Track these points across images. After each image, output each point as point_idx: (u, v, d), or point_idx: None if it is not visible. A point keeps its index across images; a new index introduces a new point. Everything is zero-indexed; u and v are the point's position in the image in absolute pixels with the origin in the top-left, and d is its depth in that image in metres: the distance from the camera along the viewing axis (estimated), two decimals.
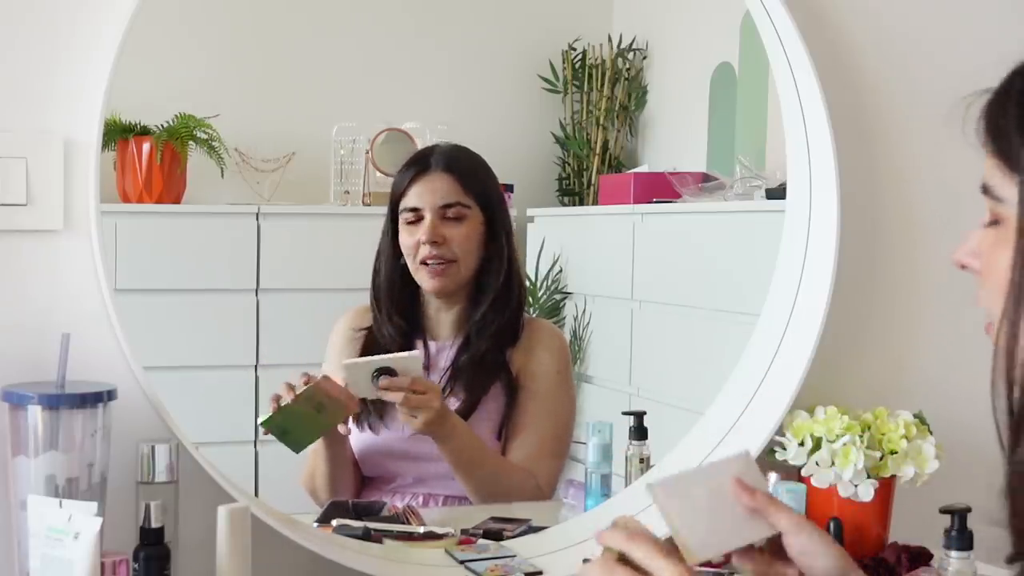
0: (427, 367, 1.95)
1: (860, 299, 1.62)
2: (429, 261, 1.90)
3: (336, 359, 1.97)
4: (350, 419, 1.83)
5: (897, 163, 1.63)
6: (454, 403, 1.90)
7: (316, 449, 1.86)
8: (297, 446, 1.76)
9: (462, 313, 1.96)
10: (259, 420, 1.73)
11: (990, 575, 1.40)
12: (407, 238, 1.93)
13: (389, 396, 1.73)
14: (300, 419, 1.71)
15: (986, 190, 0.91)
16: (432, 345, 1.98)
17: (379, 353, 1.89)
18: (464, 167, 1.95)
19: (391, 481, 1.93)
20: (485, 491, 1.84)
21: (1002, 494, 0.89)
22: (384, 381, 1.72)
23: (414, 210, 1.92)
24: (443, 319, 1.97)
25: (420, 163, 1.95)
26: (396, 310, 1.96)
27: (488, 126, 3.44)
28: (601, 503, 1.67)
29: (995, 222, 0.90)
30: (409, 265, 1.94)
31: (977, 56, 1.65)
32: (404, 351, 1.91)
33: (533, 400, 1.93)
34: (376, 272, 1.99)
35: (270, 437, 1.71)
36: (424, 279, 1.92)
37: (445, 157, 1.95)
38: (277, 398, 1.71)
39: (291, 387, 1.70)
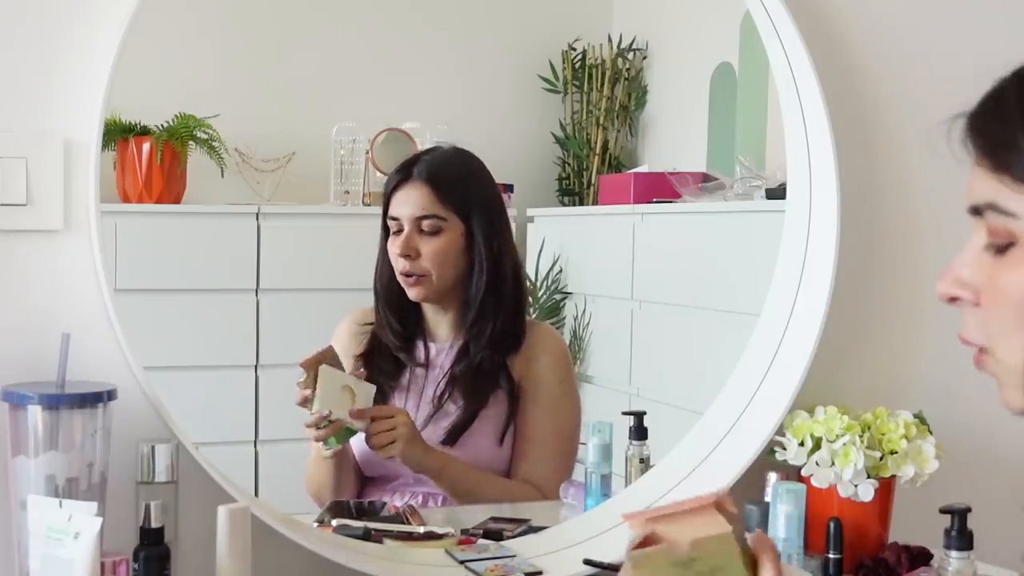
0: (426, 368, 1.96)
1: (860, 299, 1.62)
2: (403, 273, 1.92)
3: (342, 353, 1.97)
4: None
5: (897, 163, 1.63)
6: (453, 410, 1.91)
7: (320, 454, 1.86)
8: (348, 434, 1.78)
9: (457, 317, 1.97)
10: (326, 451, 1.77)
11: (990, 575, 1.41)
12: (391, 247, 1.95)
13: (356, 424, 1.76)
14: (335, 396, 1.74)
15: (984, 209, 0.84)
16: (432, 347, 1.98)
17: (384, 350, 1.95)
18: (446, 177, 1.94)
19: (392, 480, 1.93)
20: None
21: None
22: (354, 411, 1.75)
23: (395, 219, 1.94)
24: (440, 321, 1.98)
25: (404, 171, 1.95)
26: (393, 312, 1.97)
27: (488, 126, 3.44)
28: (601, 503, 1.67)
29: (1000, 244, 0.84)
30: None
31: (977, 57, 1.65)
32: (404, 353, 1.96)
33: (538, 409, 1.94)
34: (377, 275, 2.00)
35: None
36: (404, 287, 1.94)
37: (428, 167, 1.94)
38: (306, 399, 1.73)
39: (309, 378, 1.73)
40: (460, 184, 1.95)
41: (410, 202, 1.92)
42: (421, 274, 1.92)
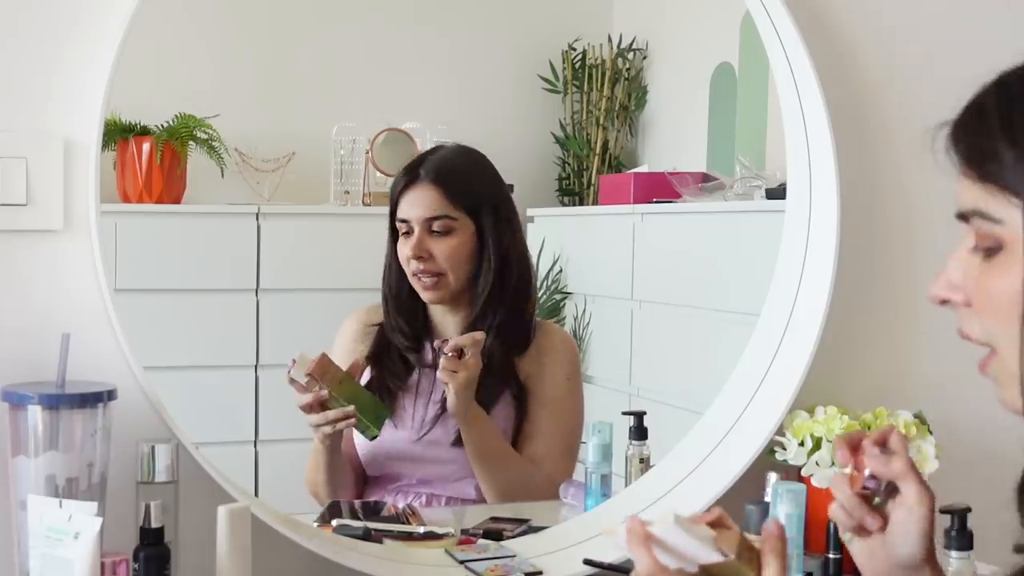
0: (434, 369, 1.93)
1: (860, 299, 1.62)
2: (418, 275, 1.91)
3: (348, 352, 1.97)
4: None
5: (897, 163, 1.63)
6: None
7: (315, 453, 1.85)
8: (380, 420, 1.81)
9: (466, 317, 1.95)
10: (371, 437, 1.79)
11: (990, 575, 1.40)
12: (401, 249, 1.93)
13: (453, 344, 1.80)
14: (361, 401, 1.76)
15: (971, 216, 0.86)
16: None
17: (393, 351, 1.96)
18: (454, 177, 1.92)
19: (394, 481, 1.93)
20: (500, 486, 1.85)
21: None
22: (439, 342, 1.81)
23: (404, 221, 1.93)
24: (449, 323, 1.97)
25: (410, 172, 1.94)
26: (401, 315, 1.96)
27: (488, 126, 3.44)
28: (601, 503, 1.67)
29: (987, 247, 0.85)
30: (406, 274, 1.94)
31: (977, 56, 1.65)
32: (413, 354, 1.95)
33: (544, 406, 1.93)
34: (385, 278, 1.99)
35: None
36: (419, 290, 1.93)
37: (435, 167, 1.92)
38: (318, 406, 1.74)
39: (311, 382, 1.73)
40: (468, 182, 1.94)
41: (419, 203, 1.91)
42: (437, 274, 1.90)
